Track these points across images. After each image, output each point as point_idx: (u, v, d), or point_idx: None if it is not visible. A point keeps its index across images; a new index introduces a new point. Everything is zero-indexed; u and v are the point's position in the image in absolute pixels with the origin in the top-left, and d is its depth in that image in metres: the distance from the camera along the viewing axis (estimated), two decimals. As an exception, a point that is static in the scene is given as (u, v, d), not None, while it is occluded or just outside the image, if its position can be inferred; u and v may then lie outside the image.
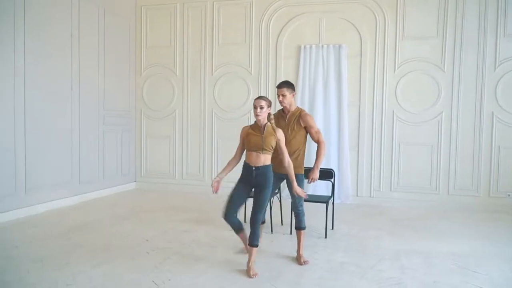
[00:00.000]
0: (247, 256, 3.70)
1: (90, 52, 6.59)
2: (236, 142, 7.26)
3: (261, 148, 3.57)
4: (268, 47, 7.12)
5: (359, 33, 6.72)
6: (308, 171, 4.18)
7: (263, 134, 3.59)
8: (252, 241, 3.59)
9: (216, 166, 7.44)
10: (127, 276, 3.46)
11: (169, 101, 7.66)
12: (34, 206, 5.57)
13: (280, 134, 3.66)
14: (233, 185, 3.82)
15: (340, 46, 6.74)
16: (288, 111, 4.16)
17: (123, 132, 7.49)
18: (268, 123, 3.64)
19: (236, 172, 3.86)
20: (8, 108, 5.22)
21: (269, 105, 3.64)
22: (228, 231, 4.85)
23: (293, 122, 4.10)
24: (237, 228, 3.79)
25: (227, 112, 7.37)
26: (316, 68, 6.85)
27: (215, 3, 7.34)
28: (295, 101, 6.79)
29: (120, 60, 7.33)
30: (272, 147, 3.62)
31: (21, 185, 5.41)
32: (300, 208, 4.04)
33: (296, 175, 3.80)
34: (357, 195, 6.80)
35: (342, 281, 3.46)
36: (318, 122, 6.67)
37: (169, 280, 3.39)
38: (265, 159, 3.61)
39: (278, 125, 3.96)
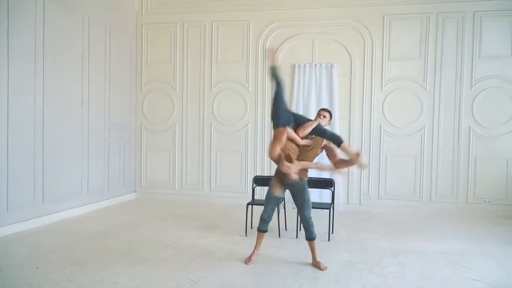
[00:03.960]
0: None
1: (98, 68, 6.95)
2: (234, 154, 7.78)
3: None
4: (264, 65, 7.62)
5: (349, 53, 7.33)
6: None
7: None
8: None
9: (214, 176, 7.86)
10: (163, 274, 3.86)
11: (169, 115, 8.06)
12: (50, 216, 5.87)
13: None
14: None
15: (331, 65, 7.32)
16: None
17: (125, 145, 7.83)
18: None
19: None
20: (29, 122, 5.53)
21: None
22: (238, 236, 5.34)
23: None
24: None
25: (225, 125, 7.82)
26: (310, 85, 7.40)
27: (214, 23, 7.83)
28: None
29: (122, 76, 7.70)
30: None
31: (39, 196, 5.70)
32: (310, 220, 4.26)
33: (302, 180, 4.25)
34: (347, 203, 7.35)
35: (354, 275, 3.96)
36: (312, 135, 7.25)
37: (203, 277, 3.82)
38: None
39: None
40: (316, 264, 4.21)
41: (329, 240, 5.21)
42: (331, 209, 5.35)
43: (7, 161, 5.19)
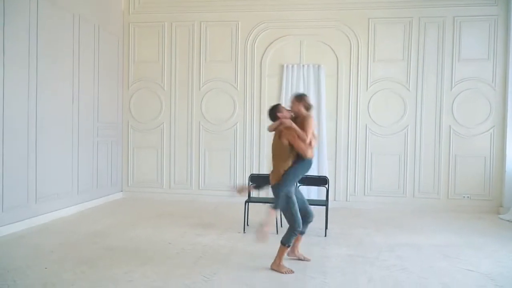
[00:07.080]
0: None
1: (87, 66, 6.87)
2: (222, 153, 7.86)
3: None
4: (253, 65, 7.75)
5: (335, 55, 7.54)
6: None
7: None
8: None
9: (203, 175, 7.91)
10: (174, 272, 3.92)
11: (156, 114, 8.04)
12: (43, 216, 5.79)
13: None
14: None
15: (319, 66, 7.51)
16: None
17: (113, 144, 7.77)
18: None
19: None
20: (22, 122, 5.44)
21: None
22: (237, 233, 5.44)
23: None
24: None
25: (214, 124, 7.89)
26: (298, 85, 7.57)
27: (202, 22, 7.87)
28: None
29: (110, 74, 7.63)
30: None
31: (32, 195, 5.62)
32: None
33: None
34: (334, 199, 7.54)
35: (357, 268, 4.15)
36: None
37: (215, 274, 3.90)
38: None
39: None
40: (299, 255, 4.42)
41: (325, 235, 5.39)
42: (327, 205, 5.53)
43: (2, 161, 5.09)
